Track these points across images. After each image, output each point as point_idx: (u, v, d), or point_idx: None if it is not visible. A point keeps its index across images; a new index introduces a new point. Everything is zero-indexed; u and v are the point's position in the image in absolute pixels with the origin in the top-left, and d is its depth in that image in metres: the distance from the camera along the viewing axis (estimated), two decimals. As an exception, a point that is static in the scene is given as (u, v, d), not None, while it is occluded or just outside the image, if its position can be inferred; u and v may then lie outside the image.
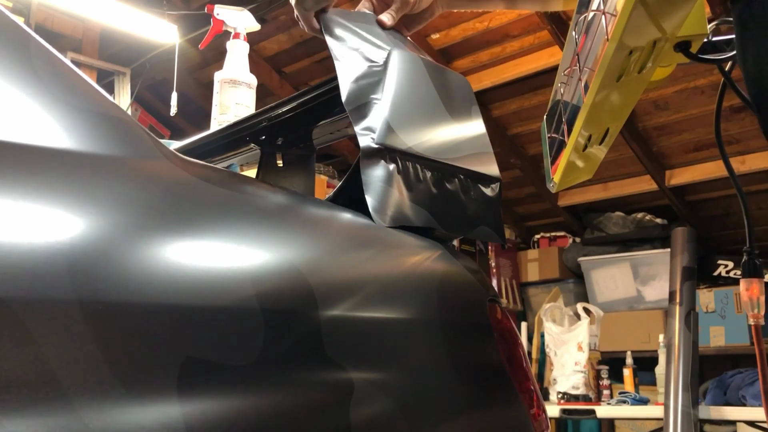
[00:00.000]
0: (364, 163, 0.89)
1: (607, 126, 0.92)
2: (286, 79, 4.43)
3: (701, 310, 3.84)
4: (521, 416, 0.85)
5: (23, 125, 0.57)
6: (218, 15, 1.67)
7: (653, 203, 4.33)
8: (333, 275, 0.70)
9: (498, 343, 0.86)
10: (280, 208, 0.75)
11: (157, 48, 3.81)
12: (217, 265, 0.59)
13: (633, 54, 0.78)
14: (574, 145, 0.92)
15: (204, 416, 0.52)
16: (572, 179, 1.03)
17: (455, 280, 0.87)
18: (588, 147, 0.94)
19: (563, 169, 0.97)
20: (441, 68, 1.06)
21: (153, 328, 0.52)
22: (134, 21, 3.23)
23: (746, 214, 1.08)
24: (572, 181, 1.03)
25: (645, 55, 0.80)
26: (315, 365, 0.62)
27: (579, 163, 0.98)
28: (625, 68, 0.80)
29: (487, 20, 3.61)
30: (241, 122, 1.21)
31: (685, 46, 0.84)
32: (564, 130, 0.94)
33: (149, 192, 0.61)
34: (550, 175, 1.02)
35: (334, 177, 3.76)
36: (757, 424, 2.86)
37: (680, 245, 3.07)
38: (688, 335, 2.87)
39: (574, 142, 0.91)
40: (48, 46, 0.65)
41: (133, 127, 0.67)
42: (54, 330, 0.46)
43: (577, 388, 3.21)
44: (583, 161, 0.98)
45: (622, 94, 0.87)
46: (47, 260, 0.48)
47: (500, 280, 4.58)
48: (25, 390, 0.44)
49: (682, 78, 3.52)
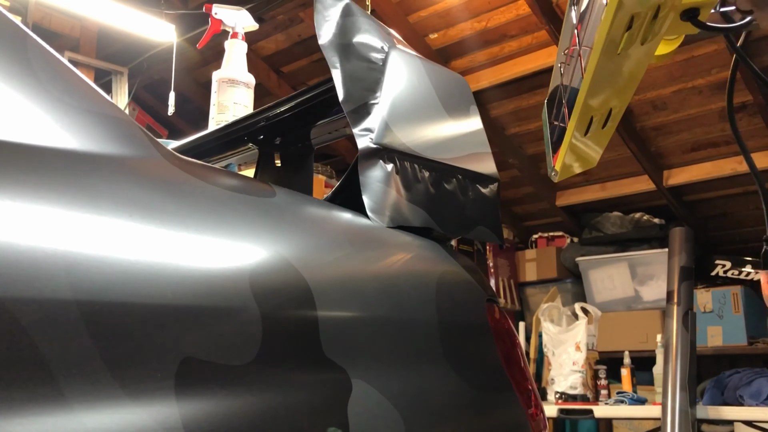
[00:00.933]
0: (362, 164, 0.89)
1: (609, 106, 0.88)
2: (284, 79, 4.42)
3: (699, 310, 3.84)
4: (519, 416, 0.85)
5: (20, 125, 0.57)
6: (216, 14, 1.67)
7: (651, 203, 4.34)
8: (331, 275, 0.70)
9: (496, 343, 0.86)
10: (278, 208, 0.74)
11: (154, 47, 3.80)
12: (214, 264, 0.59)
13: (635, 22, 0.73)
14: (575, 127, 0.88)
15: (201, 415, 0.52)
16: (574, 168, 0.98)
17: (453, 280, 0.87)
18: (590, 131, 0.90)
19: (564, 155, 0.93)
20: (439, 68, 1.06)
21: (150, 328, 0.51)
22: (132, 20, 3.23)
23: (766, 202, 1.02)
24: (574, 170, 0.98)
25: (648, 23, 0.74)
26: (313, 365, 0.62)
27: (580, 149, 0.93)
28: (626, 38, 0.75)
29: (485, 20, 3.61)
30: (239, 122, 1.21)
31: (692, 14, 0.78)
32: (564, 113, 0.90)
33: (147, 191, 0.61)
34: (552, 163, 0.98)
35: (332, 176, 3.76)
36: (754, 423, 2.87)
37: (678, 245, 3.07)
38: (686, 335, 2.87)
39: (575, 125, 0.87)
40: (45, 46, 0.65)
41: (131, 126, 0.67)
42: (51, 330, 0.46)
43: (575, 388, 3.21)
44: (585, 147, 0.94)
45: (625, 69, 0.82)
46: (45, 260, 0.48)
47: (498, 280, 4.58)
48: (21, 390, 0.44)
49: (680, 78, 3.53)
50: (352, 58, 0.97)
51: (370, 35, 0.99)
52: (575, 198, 4.53)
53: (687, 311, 2.93)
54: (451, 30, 3.73)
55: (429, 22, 3.72)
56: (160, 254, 0.56)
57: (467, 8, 3.56)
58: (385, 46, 0.98)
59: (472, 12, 3.58)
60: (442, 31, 3.75)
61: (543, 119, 1.03)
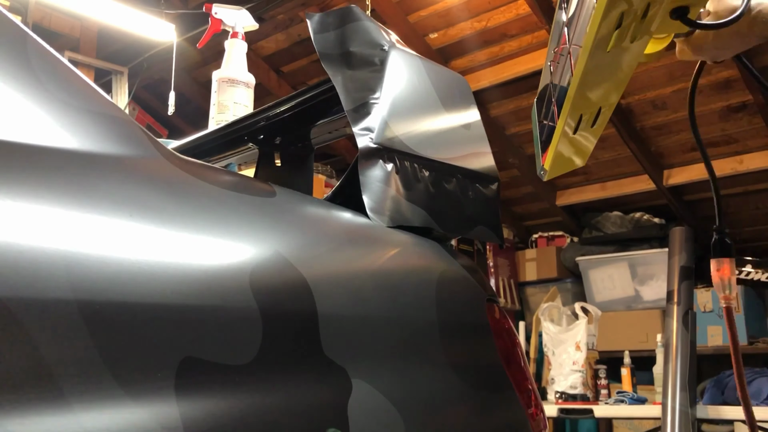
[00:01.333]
0: (362, 164, 0.89)
1: (598, 105, 0.88)
2: (285, 79, 4.42)
3: (699, 309, 3.84)
4: (519, 415, 0.85)
5: (20, 124, 0.57)
6: (216, 14, 1.67)
7: (651, 203, 4.34)
8: (331, 275, 0.70)
9: (496, 343, 0.86)
10: (278, 208, 0.74)
11: (154, 47, 3.80)
12: (215, 264, 0.59)
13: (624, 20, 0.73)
14: (564, 126, 0.87)
15: (201, 415, 0.52)
16: (563, 167, 0.98)
17: (453, 280, 0.87)
18: (579, 129, 0.90)
19: (553, 154, 0.93)
20: (439, 68, 1.06)
21: (151, 328, 0.51)
22: (132, 20, 3.23)
23: (715, 189, 1.03)
24: (563, 168, 0.98)
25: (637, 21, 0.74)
26: (313, 365, 0.62)
27: (569, 148, 0.93)
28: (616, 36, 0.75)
29: (485, 20, 3.61)
30: (239, 121, 1.21)
31: (681, 12, 0.78)
32: (554, 111, 0.90)
33: (147, 191, 0.61)
34: (541, 162, 0.97)
35: (332, 176, 3.76)
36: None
37: (678, 245, 3.07)
38: (686, 335, 2.87)
39: (564, 123, 0.87)
40: (45, 45, 0.65)
41: (131, 126, 0.67)
42: (52, 330, 0.46)
43: (575, 388, 3.21)
44: (574, 146, 0.94)
45: (615, 67, 0.82)
46: (45, 260, 0.48)
47: (498, 280, 4.58)
48: (22, 390, 0.44)
49: (680, 77, 3.52)
50: (354, 64, 0.97)
51: (371, 36, 1.00)
52: (575, 198, 4.53)
53: (687, 311, 2.93)
54: (451, 30, 3.73)
55: (429, 22, 3.72)
56: (160, 254, 0.56)
57: (467, 8, 3.56)
58: (385, 46, 0.98)
59: (472, 12, 3.58)
60: (442, 30, 3.75)
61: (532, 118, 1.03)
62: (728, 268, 1.00)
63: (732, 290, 1.00)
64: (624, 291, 4.28)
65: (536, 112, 1.01)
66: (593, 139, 0.94)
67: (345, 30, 1.01)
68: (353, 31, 1.00)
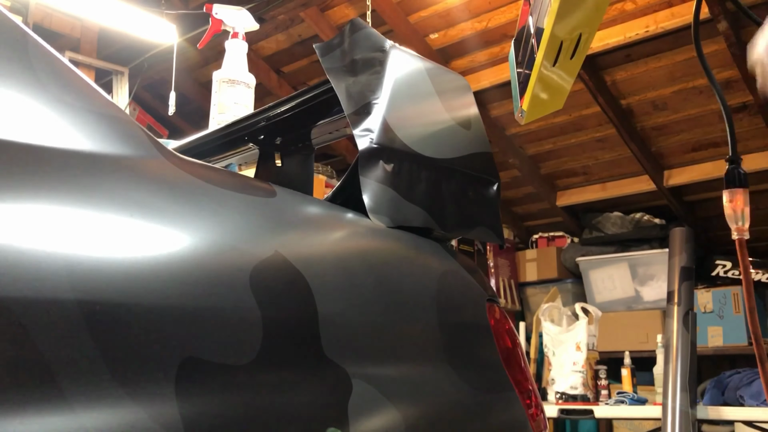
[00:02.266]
0: (363, 164, 0.89)
1: (578, 32, 0.88)
2: (285, 79, 4.43)
3: (699, 310, 3.84)
4: (519, 416, 0.85)
5: (21, 124, 0.57)
6: (217, 14, 1.67)
7: (651, 203, 4.34)
8: (331, 275, 0.70)
9: (496, 343, 0.86)
10: (278, 208, 0.75)
11: (155, 47, 3.80)
12: (215, 264, 0.59)
13: None
14: (543, 59, 0.88)
15: (202, 415, 0.52)
16: (542, 109, 0.98)
17: (454, 280, 0.87)
18: (558, 61, 0.90)
19: (532, 91, 0.93)
20: (440, 68, 1.06)
21: (151, 328, 0.51)
22: (132, 20, 3.23)
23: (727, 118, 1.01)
24: (542, 110, 0.98)
25: None
26: (313, 365, 0.62)
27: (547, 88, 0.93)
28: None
29: (485, 20, 3.61)
30: (239, 122, 1.21)
31: None
32: (533, 45, 0.90)
33: (147, 191, 0.61)
34: (519, 104, 0.98)
35: (332, 176, 3.76)
36: (755, 424, 2.86)
37: (678, 245, 3.07)
38: (686, 335, 2.87)
39: (543, 55, 0.87)
40: (46, 45, 0.65)
41: (132, 126, 0.67)
42: (52, 330, 0.46)
43: (576, 388, 3.21)
44: (552, 87, 0.94)
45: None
46: (46, 260, 0.48)
47: (498, 280, 4.58)
48: (22, 389, 0.44)
49: (681, 78, 3.52)
50: (357, 71, 0.98)
51: (373, 41, 1.00)
52: (576, 198, 4.53)
53: (687, 311, 2.93)
54: (451, 30, 3.73)
55: (429, 22, 3.72)
56: (160, 254, 0.56)
57: (468, 8, 3.56)
58: (385, 46, 0.99)
59: (472, 12, 3.58)
60: (443, 31, 3.75)
61: (509, 60, 1.03)
62: (741, 198, 0.99)
63: (745, 222, 0.99)
64: (624, 291, 4.28)
65: (514, 53, 1.02)
66: (570, 78, 0.94)
67: (349, 42, 1.03)
68: (357, 40, 1.02)
